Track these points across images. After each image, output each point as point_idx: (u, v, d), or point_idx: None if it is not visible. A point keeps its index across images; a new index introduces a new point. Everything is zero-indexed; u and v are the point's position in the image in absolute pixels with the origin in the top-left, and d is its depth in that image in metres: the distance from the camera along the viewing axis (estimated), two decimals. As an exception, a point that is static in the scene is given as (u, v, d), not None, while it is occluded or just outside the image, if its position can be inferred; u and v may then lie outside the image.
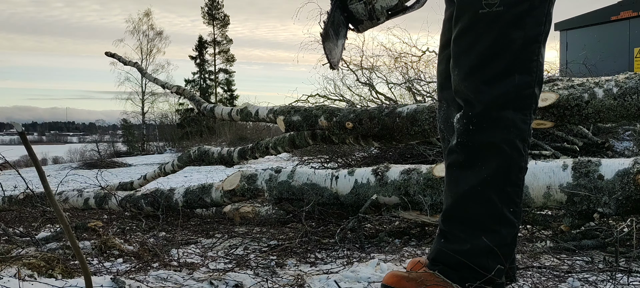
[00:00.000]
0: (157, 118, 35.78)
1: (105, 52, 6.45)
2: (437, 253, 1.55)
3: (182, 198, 3.21)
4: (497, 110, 1.41)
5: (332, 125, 3.84)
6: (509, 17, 1.37)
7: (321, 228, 2.59)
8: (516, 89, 1.41)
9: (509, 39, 1.38)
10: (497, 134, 1.42)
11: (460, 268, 1.49)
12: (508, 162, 1.44)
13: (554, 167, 2.26)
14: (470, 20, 1.42)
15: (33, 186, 3.46)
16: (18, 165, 10.44)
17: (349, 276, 1.80)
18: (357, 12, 1.63)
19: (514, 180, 1.46)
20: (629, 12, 11.03)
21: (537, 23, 1.39)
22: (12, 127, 1.51)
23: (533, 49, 1.40)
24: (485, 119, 1.42)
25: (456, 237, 1.51)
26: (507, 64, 1.39)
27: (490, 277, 1.46)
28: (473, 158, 1.46)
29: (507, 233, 1.47)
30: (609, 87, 2.66)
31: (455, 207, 1.51)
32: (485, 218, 1.47)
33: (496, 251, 1.45)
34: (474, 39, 1.42)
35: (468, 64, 1.43)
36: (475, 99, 1.43)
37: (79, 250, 1.12)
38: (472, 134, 1.45)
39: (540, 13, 1.39)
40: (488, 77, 1.41)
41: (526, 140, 1.45)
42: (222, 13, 38.44)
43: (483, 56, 1.41)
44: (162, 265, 2.06)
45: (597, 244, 2.18)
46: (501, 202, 1.46)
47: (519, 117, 1.42)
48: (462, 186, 1.48)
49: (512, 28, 1.38)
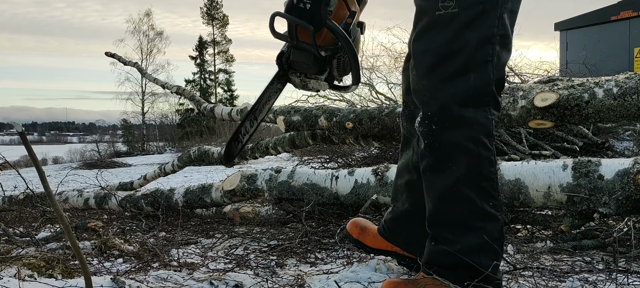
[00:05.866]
0: (157, 118, 35.81)
1: (106, 52, 6.46)
2: (430, 256, 1.57)
3: (182, 198, 3.21)
4: (457, 108, 1.45)
5: (332, 125, 3.84)
6: (464, 19, 1.43)
7: (321, 228, 2.59)
8: (474, 88, 1.45)
9: (464, 39, 1.44)
10: (461, 132, 1.46)
11: (455, 268, 1.51)
12: (477, 158, 1.47)
13: (554, 167, 2.26)
14: (429, 21, 1.47)
15: (33, 186, 3.46)
16: (18, 165, 10.44)
17: (349, 276, 1.80)
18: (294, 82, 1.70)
19: (487, 175, 1.49)
20: (629, 12, 11.03)
21: (490, 26, 1.45)
22: (12, 127, 1.51)
23: (487, 50, 1.45)
24: (447, 118, 1.46)
25: (445, 239, 1.53)
26: (463, 63, 1.45)
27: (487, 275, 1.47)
28: (443, 160, 1.50)
29: (492, 227, 1.50)
30: (609, 87, 2.66)
31: (437, 211, 1.54)
32: (468, 217, 1.49)
33: (487, 247, 1.48)
34: (431, 39, 1.47)
35: (426, 63, 1.48)
36: (432, 97, 1.48)
37: (79, 250, 1.12)
38: (436, 134, 1.48)
39: (493, 17, 1.45)
40: (445, 76, 1.46)
41: (491, 134, 1.50)
42: (221, 13, 38.45)
43: (440, 55, 1.46)
44: (162, 265, 2.06)
45: (596, 244, 2.18)
46: (479, 198, 1.49)
47: (480, 114, 1.47)
48: (439, 189, 1.51)
49: (466, 29, 1.44)
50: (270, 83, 1.76)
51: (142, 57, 34.42)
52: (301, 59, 1.62)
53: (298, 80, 1.69)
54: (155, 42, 35.12)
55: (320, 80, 1.66)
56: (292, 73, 1.69)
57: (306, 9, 1.53)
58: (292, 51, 1.64)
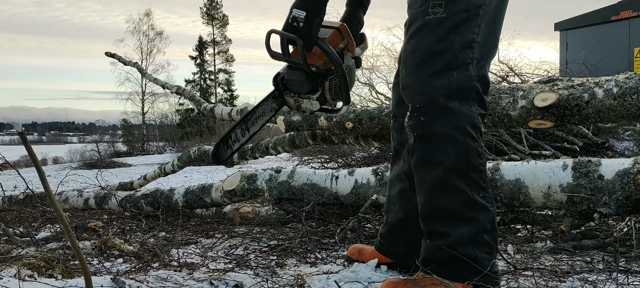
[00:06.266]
0: (157, 118, 35.82)
1: (106, 52, 6.46)
2: (425, 253, 1.61)
3: (182, 198, 3.21)
4: (443, 100, 1.55)
5: (332, 125, 3.84)
6: (450, 23, 1.56)
7: (321, 228, 2.59)
8: (457, 83, 1.56)
9: (449, 41, 1.56)
10: (448, 122, 1.55)
11: (450, 263, 1.54)
12: (464, 148, 1.55)
13: (554, 167, 2.26)
14: (418, 25, 1.60)
15: (33, 186, 3.46)
16: (18, 165, 10.44)
17: (349, 276, 1.80)
18: (288, 103, 1.80)
19: (476, 166, 1.56)
20: (629, 12, 11.02)
21: (472, 32, 1.57)
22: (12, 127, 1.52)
23: (468, 53, 1.58)
24: (434, 109, 1.56)
25: (438, 233, 1.58)
26: (448, 62, 1.56)
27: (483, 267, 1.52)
28: (432, 151, 1.57)
29: (484, 218, 1.55)
30: (609, 87, 2.66)
31: (428, 204, 1.60)
32: (459, 207, 1.55)
33: (480, 239, 1.53)
34: (420, 39, 1.59)
35: (413, 60, 1.60)
36: (419, 90, 1.58)
37: (79, 250, 1.12)
38: (424, 125, 1.57)
39: (474, 24, 1.58)
40: (431, 72, 1.57)
41: (476, 126, 1.58)
42: (221, 13, 38.46)
43: (427, 54, 1.57)
44: (162, 265, 2.06)
45: (597, 244, 2.18)
46: (470, 189, 1.55)
47: (464, 107, 1.56)
48: (430, 181, 1.58)
49: (451, 32, 1.56)
50: (266, 98, 1.83)
51: (142, 57, 34.44)
52: (294, 78, 1.71)
53: (292, 101, 1.78)
54: (155, 42, 35.14)
55: (313, 100, 1.74)
56: (287, 94, 1.77)
57: (299, 27, 1.62)
58: (286, 71, 1.74)
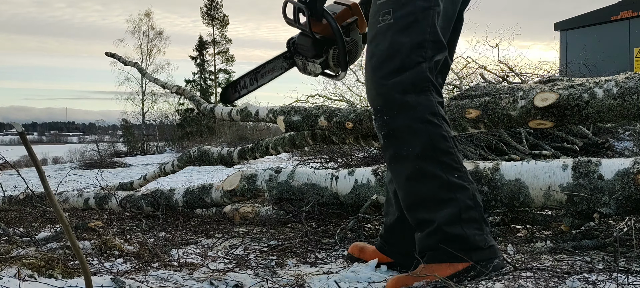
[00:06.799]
0: (157, 118, 35.82)
1: (106, 52, 6.44)
2: (419, 245, 1.67)
3: (182, 198, 3.21)
4: (399, 96, 1.64)
5: (332, 125, 3.84)
6: (398, 27, 1.66)
7: (321, 228, 2.59)
8: (411, 79, 1.65)
9: (399, 43, 1.65)
10: (407, 115, 1.64)
11: (441, 246, 1.59)
12: (428, 135, 1.63)
13: (554, 167, 2.26)
14: (372, 34, 1.73)
15: (33, 186, 3.46)
16: (18, 165, 10.44)
17: (349, 276, 1.80)
18: (297, 64, 2.05)
19: (444, 149, 1.64)
20: (629, 12, 11.03)
21: (421, 32, 1.66)
22: (12, 127, 1.51)
23: (420, 53, 1.66)
24: (393, 106, 1.65)
25: (423, 222, 1.64)
26: (400, 64, 1.65)
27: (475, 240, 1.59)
28: (399, 146, 1.65)
29: (464, 196, 1.62)
30: (609, 87, 2.66)
31: (408, 195, 1.67)
32: (436, 191, 1.62)
33: (465, 216, 1.60)
34: (375, 47, 1.71)
35: (371, 66, 1.71)
36: (377, 92, 1.69)
37: (79, 250, 1.12)
38: (388, 123, 1.66)
39: (425, 24, 1.66)
40: (385, 73, 1.67)
41: (437, 113, 1.66)
42: (221, 13, 38.46)
43: (380, 58, 1.68)
44: (162, 265, 2.06)
45: (597, 244, 2.18)
46: (443, 172, 1.62)
47: (421, 98, 1.65)
48: (404, 174, 1.66)
49: (400, 35, 1.66)
50: (278, 56, 2.09)
51: (142, 57, 34.43)
52: (302, 42, 1.98)
53: (300, 63, 2.02)
54: (155, 42, 35.15)
55: (316, 64, 1.97)
56: (297, 56, 2.02)
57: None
58: (298, 36, 2.00)
